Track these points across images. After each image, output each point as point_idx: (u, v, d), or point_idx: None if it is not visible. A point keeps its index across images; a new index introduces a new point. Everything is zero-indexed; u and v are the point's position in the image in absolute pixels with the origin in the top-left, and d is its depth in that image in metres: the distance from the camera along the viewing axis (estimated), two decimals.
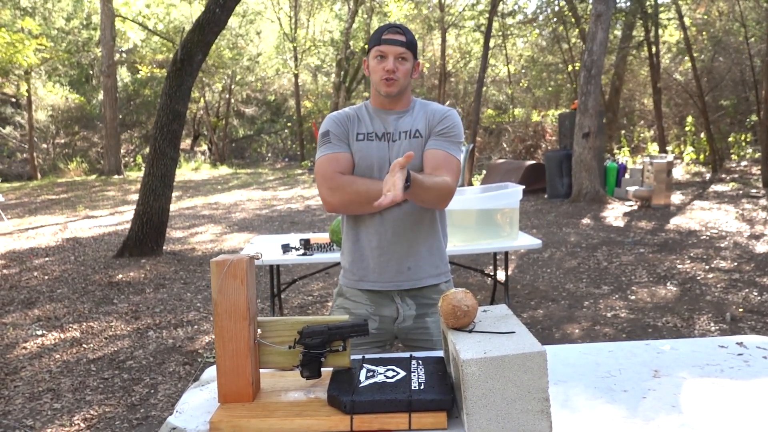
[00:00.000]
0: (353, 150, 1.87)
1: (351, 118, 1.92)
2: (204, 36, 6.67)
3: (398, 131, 1.88)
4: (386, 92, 1.84)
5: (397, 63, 1.81)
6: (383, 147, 1.87)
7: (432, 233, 1.95)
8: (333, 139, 1.90)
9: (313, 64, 23.29)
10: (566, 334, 4.01)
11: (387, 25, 1.86)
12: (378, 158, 1.86)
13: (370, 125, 1.90)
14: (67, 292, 5.16)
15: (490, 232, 3.54)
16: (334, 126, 1.90)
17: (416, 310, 1.91)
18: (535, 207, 9.87)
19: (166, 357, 3.72)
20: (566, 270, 5.76)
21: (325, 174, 1.84)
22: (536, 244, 3.44)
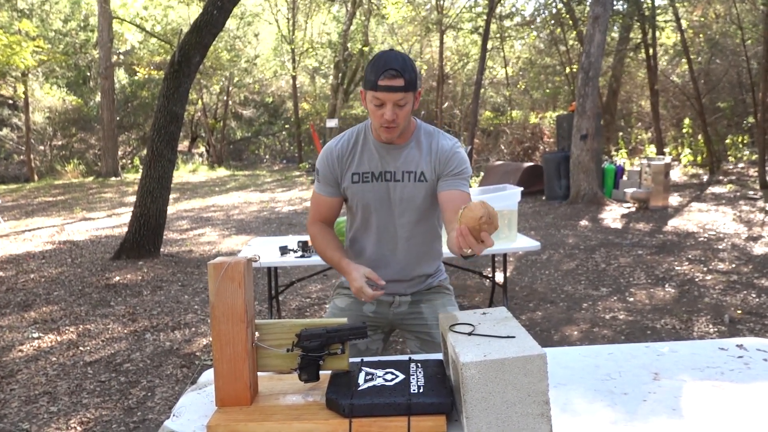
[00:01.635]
0: (349, 192, 1.89)
1: (344, 156, 1.89)
2: (201, 38, 6.66)
3: (401, 171, 1.86)
4: (387, 138, 1.81)
5: (396, 109, 1.74)
6: (380, 188, 1.87)
7: (435, 239, 2.00)
8: (321, 179, 1.93)
9: (311, 66, 23.29)
10: (565, 336, 4.00)
11: (384, 64, 1.71)
12: (374, 200, 1.87)
13: (366, 163, 1.87)
14: (64, 295, 5.14)
15: None
16: (324, 167, 1.91)
17: (411, 298, 1.99)
18: (533, 209, 9.87)
19: (163, 360, 3.70)
20: (564, 272, 5.75)
21: (312, 209, 1.98)
22: (535, 246, 3.44)
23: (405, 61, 1.73)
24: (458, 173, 1.85)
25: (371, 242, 1.94)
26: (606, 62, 17.09)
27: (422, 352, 1.98)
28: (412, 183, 1.86)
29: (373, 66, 1.73)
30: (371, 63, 1.76)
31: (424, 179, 1.86)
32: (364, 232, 1.94)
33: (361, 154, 1.87)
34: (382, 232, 1.91)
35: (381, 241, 1.92)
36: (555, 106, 18.34)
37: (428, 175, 1.86)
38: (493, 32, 17.77)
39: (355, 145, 1.88)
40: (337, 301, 2.04)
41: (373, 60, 1.76)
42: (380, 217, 1.90)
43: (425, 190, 1.88)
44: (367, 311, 1.98)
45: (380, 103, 1.72)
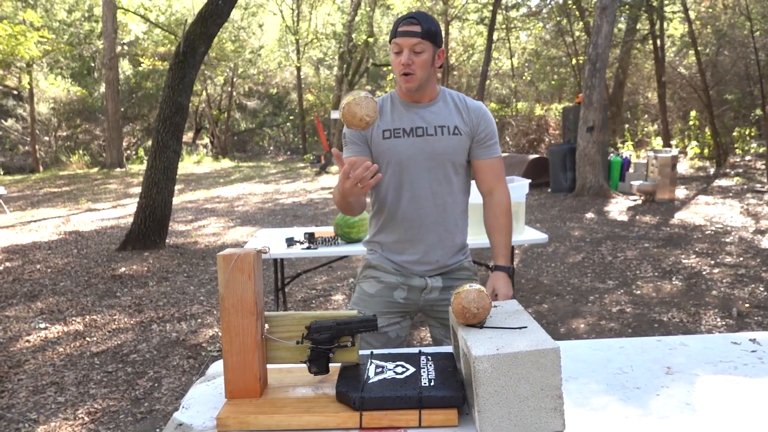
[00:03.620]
0: (380, 150, 1.85)
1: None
2: (206, 28, 6.63)
3: (432, 125, 1.84)
4: (406, 88, 1.79)
5: (413, 56, 1.74)
6: (413, 143, 1.83)
7: (466, 207, 1.97)
8: (349, 141, 1.88)
9: (316, 57, 23.20)
10: (572, 329, 3.99)
11: (405, 15, 1.77)
12: (407, 156, 1.83)
13: (397, 120, 1.85)
14: (70, 285, 5.15)
15: None
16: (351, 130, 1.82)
17: (443, 283, 1.92)
18: (538, 201, 9.84)
19: (169, 350, 3.71)
20: (570, 264, 5.73)
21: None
22: (542, 238, 3.42)
23: (426, 15, 1.78)
24: (491, 140, 1.89)
25: (404, 203, 1.86)
26: (613, 53, 16.96)
27: (447, 339, 1.96)
28: (447, 137, 1.84)
29: (397, 20, 1.78)
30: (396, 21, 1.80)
31: (459, 132, 1.85)
32: (396, 193, 1.86)
33: (391, 113, 1.86)
34: (415, 190, 1.85)
35: (415, 201, 1.86)
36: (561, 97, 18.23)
37: (462, 129, 1.86)
38: (499, 23, 17.64)
39: (383, 106, 1.87)
40: (365, 286, 1.95)
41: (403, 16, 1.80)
42: (413, 174, 1.84)
43: (461, 144, 1.86)
44: (398, 297, 1.91)
45: (399, 50, 1.75)
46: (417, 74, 1.76)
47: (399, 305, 1.91)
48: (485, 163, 1.90)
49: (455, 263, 1.94)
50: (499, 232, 1.95)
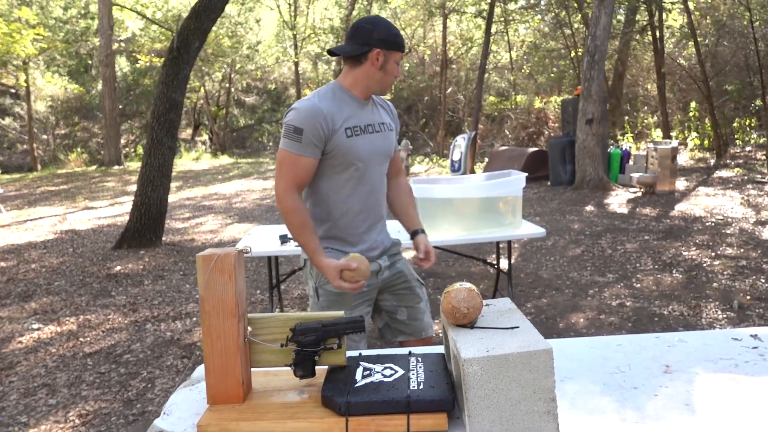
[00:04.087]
0: (342, 148, 1.93)
1: (332, 113, 1.91)
2: (200, 23, 6.56)
3: (377, 123, 2.04)
4: (387, 92, 2.04)
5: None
6: (368, 140, 2.00)
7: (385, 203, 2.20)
8: (305, 140, 1.90)
9: (314, 52, 23.09)
10: (571, 324, 3.94)
11: (394, 27, 1.97)
12: (367, 153, 1.99)
13: (353, 118, 1.97)
14: (65, 285, 5.10)
15: (493, 220, 3.46)
16: (312, 126, 1.88)
17: (389, 260, 2.13)
18: (537, 194, 9.78)
19: (164, 350, 3.67)
20: (570, 258, 5.68)
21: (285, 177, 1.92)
22: (540, 232, 3.37)
23: None
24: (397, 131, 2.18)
25: (361, 200, 2.01)
26: (612, 45, 16.85)
27: (401, 305, 2.16)
28: (386, 133, 2.07)
29: (394, 29, 1.96)
30: (386, 27, 1.94)
31: (391, 129, 2.11)
32: (355, 188, 2.00)
33: (347, 110, 1.96)
34: (374, 184, 2.04)
35: (372, 195, 2.04)
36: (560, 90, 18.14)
37: (392, 125, 2.12)
38: (497, 16, 17.53)
39: (337, 102, 1.95)
40: (328, 287, 2.01)
41: (384, 24, 1.95)
42: (372, 169, 2.02)
43: (393, 138, 2.13)
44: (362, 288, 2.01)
45: (399, 62, 1.98)
46: None
47: (364, 294, 2.05)
48: (396, 153, 2.19)
49: (390, 241, 2.18)
50: (412, 206, 2.25)
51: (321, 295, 2.04)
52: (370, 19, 1.97)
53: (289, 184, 1.91)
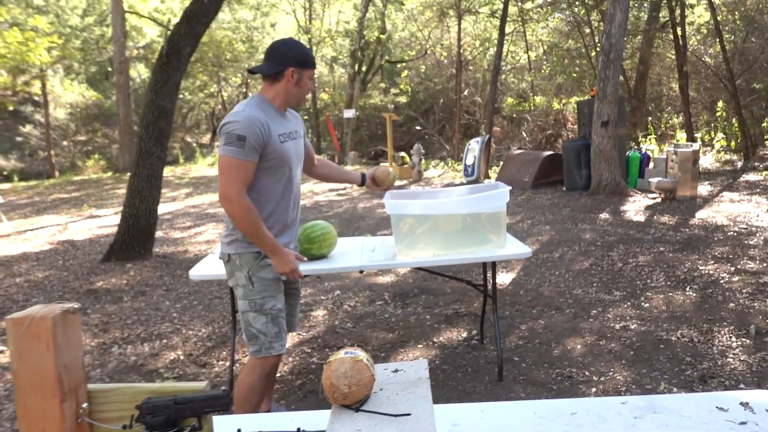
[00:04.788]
0: (278, 153, 2.23)
1: (266, 122, 2.20)
2: (192, 28, 6.36)
3: (294, 130, 2.39)
4: (301, 105, 2.45)
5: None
6: (293, 145, 2.35)
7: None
8: (248, 146, 2.14)
9: (329, 56, 22.92)
10: (566, 350, 3.58)
11: (310, 50, 2.39)
12: (293, 157, 2.34)
13: (280, 126, 2.28)
14: (42, 302, 4.92)
15: (474, 239, 3.13)
16: (254, 133, 2.14)
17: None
18: (551, 200, 9.36)
19: (123, 377, 3.43)
20: (576, 272, 5.30)
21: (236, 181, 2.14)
22: (525, 252, 3.03)
23: None
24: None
25: (289, 197, 2.35)
26: (634, 43, 16.26)
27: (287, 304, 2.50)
28: (301, 139, 2.44)
29: (307, 50, 2.31)
30: (300, 47, 2.29)
31: (302, 135, 2.48)
32: (287, 190, 2.32)
33: (274, 119, 2.25)
34: (296, 185, 2.39)
35: (294, 195, 2.39)
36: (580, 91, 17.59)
37: (302, 132, 2.49)
38: (514, 15, 17.09)
39: (266, 112, 2.23)
40: (263, 273, 2.29)
41: (296, 44, 2.29)
42: (295, 170, 2.37)
43: (304, 143, 2.52)
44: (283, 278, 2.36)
45: (312, 77, 2.34)
46: None
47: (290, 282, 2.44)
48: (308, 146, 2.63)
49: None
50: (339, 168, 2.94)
51: (255, 282, 2.28)
52: (284, 42, 2.29)
53: (240, 186, 2.15)
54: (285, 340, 2.36)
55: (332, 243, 3.22)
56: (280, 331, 2.32)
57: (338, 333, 4.03)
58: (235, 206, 2.14)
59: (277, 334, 2.31)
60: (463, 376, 3.26)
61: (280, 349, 2.33)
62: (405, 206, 3.08)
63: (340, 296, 4.88)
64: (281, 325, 2.33)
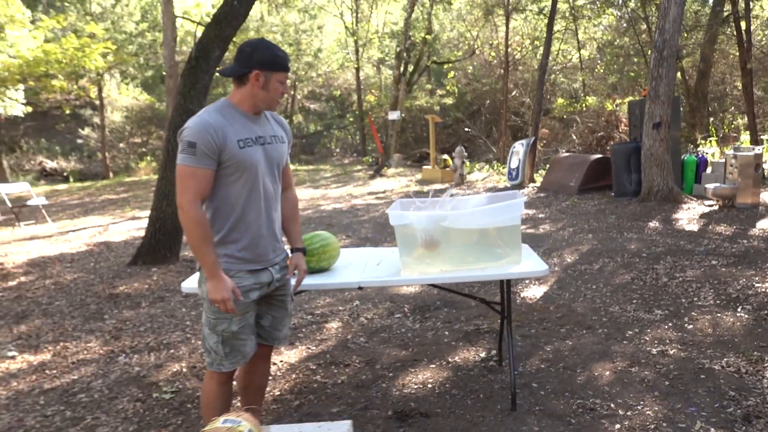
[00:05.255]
0: (236, 159, 2.10)
1: (224, 127, 2.09)
2: (221, 30, 6.30)
3: (268, 135, 2.24)
4: (275, 109, 2.27)
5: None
6: (261, 150, 2.19)
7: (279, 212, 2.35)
8: (200, 152, 2.05)
9: (376, 57, 22.81)
10: (592, 377, 3.24)
11: (283, 51, 2.17)
12: (259, 162, 2.17)
13: (244, 131, 2.15)
14: (63, 305, 4.95)
15: (484, 254, 2.85)
16: (204, 139, 2.04)
17: (280, 273, 2.33)
18: (597, 207, 8.86)
19: (122, 390, 3.33)
20: (615, 287, 4.90)
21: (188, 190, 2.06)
22: (541, 270, 2.73)
23: None
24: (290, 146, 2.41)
25: (256, 206, 2.18)
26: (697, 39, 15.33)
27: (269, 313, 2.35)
28: (277, 144, 2.26)
29: (276, 51, 2.15)
30: (270, 48, 2.14)
31: (283, 141, 2.31)
32: (253, 199, 2.17)
33: (236, 124, 2.13)
34: (267, 193, 2.21)
35: (265, 203, 2.20)
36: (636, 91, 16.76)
37: (284, 138, 2.33)
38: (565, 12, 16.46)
39: (226, 117, 2.12)
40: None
41: (264, 46, 2.14)
42: (263, 178, 2.19)
43: (286, 150, 2.33)
44: (253, 297, 2.22)
45: (285, 81, 2.18)
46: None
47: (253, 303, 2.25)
48: (287, 166, 2.40)
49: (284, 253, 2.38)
50: (294, 221, 2.46)
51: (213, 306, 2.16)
52: (251, 43, 2.15)
53: (193, 196, 2.06)
54: (239, 358, 2.24)
55: (333, 255, 3.02)
56: (231, 351, 2.21)
57: (349, 348, 3.82)
58: (184, 216, 2.06)
59: (228, 354, 2.21)
60: (473, 404, 2.98)
61: (230, 366, 2.24)
62: (410, 218, 2.84)
63: (358, 307, 4.67)
64: (235, 346, 2.21)
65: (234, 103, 2.17)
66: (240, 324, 2.21)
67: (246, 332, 2.24)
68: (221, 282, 2.07)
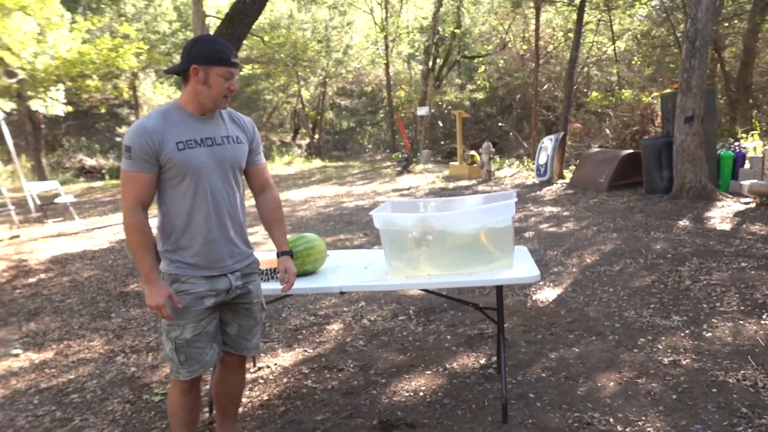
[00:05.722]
0: (175, 161, 2.04)
1: (161, 128, 2.04)
2: (234, 29, 6.29)
3: (219, 136, 2.14)
4: (222, 107, 2.14)
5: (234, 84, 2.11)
6: (206, 152, 2.09)
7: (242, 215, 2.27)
8: (135, 156, 2.03)
9: (406, 53, 22.63)
10: (595, 388, 3.06)
11: (224, 46, 2.08)
12: (203, 164, 2.08)
13: (186, 133, 2.08)
14: (74, 303, 5.02)
15: (474, 258, 2.71)
16: (138, 143, 2.01)
17: (242, 280, 2.24)
18: (626, 204, 8.53)
19: (114, 391, 3.33)
20: (634, 290, 4.66)
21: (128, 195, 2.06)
22: (532, 276, 2.57)
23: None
24: (259, 145, 2.31)
25: (204, 211, 2.10)
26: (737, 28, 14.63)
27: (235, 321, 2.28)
28: (233, 145, 2.17)
29: (215, 45, 2.06)
30: (209, 42, 2.08)
31: (240, 141, 2.20)
32: (195, 199, 2.08)
33: (178, 126, 2.07)
34: (216, 196, 2.12)
35: (215, 208, 2.11)
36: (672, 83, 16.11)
37: (243, 138, 2.22)
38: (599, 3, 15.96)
39: (168, 119, 2.07)
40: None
41: (203, 40, 2.09)
42: (211, 181, 2.10)
43: (244, 151, 2.22)
44: (208, 304, 2.16)
45: (229, 77, 2.07)
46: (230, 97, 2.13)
47: (210, 310, 2.18)
48: (257, 168, 2.30)
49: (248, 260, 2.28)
50: (277, 224, 2.36)
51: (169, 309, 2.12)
52: (193, 39, 2.14)
53: (131, 201, 2.05)
54: (196, 367, 2.19)
55: (318, 258, 2.93)
56: (187, 360, 2.17)
57: (346, 352, 3.73)
58: (124, 221, 2.07)
59: (184, 362, 2.17)
60: (463, 415, 2.85)
61: (187, 375, 2.19)
62: (394, 219, 2.73)
63: (363, 308, 4.58)
64: (190, 354, 2.16)
65: (181, 104, 2.12)
66: (194, 332, 2.15)
67: (203, 340, 2.18)
68: (156, 288, 2.06)
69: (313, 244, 2.90)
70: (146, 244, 2.07)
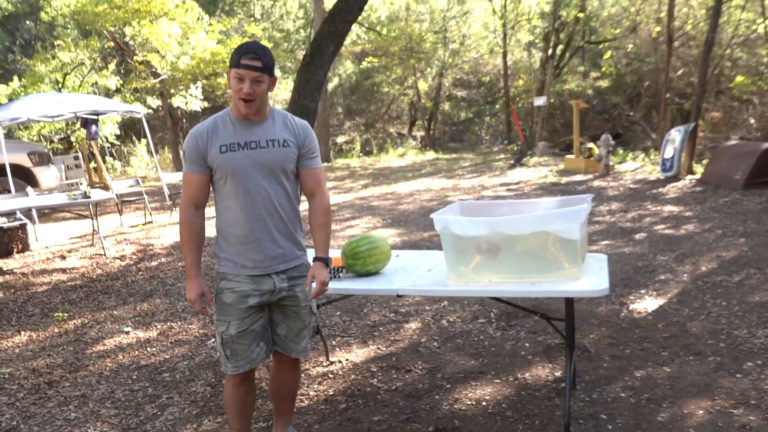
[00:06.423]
0: (218, 163, 2.18)
1: (209, 133, 2.19)
2: (336, 26, 6.45)
3: (264, 139, 2.21)
4: (244, 112, 2.17)
5: (254, 86, 2.10)
6: (248, 155, 2.18)
7: (298, 212, 2.35)
8: (188, 159, 2.23)
9: (526, 40, 21.80)
10: (679, 416, 2.77)
11: (245, 47, 2.11)
12: (243, 166, 2.17)
13: (233, 135, 2.19)
14: (182, 287, 5.45)
15: (538, 266, 2.56)
16: (190, 147, 2.20)
17: (288, 282, 2.30)
18: (762, 206, 7.59)
19: (200, 374, 3.59)
20: (752, 305, 4.15)
21: (183, 193, 2.27)
22: (597, 290, 2.37)
23: (265, 49, 2.15)
24: (314, 152, 2.32)
25: (246, 211, 2.19)
26: None
27: (284, 323, 2.36)
28: (278, 149, 2.22)
29: (238, 49, 2.13)
30: (240, 46, 2.15)
31: (288, 145, 2.23)
32: (236, 199, 2.19)
33: (225, 130, 2.20)
34: (256, 197, 2.19)
35: (255, 208, 2.19)
36: None
37: (291, 142, 2.24)
38: None
39: (218, 124, 2.21)
40: (221, 296, 2.29)
41: (238, 46, 2.15)
42: (254, 182, 2.18)
43: (291, 155, 2.24)
44: (251, 303, 2.26)
45: (241, 79, 2.10)
46: (256, 101, 2.14)
47: (253, 309, 2.27)
48: (308, 172, 2.32)
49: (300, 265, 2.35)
50: (320, 229, 2.34)
51: (216, 302, 2.32)
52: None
53: (186, 200, 2.25)
54: (242, 363, 2.30)
55: (381, 259, 2.93)
56: (233, 355, 2.29)
57: (418, 353, 3.71)
58: (179, 218, 2.28)
59: (230, 356, 2.30)
60: (524, 430, 2.71)
61: (233, 370, 2.32)
62: (452, 223, 2.65)
63: (444, 308, 4.52)
64: (236, 350, 2.29)
65: (231, 108, 2.25)
66: (238, 329, 2.25)
67: (248, 338, 2.28)
68: (191, 283, 2.26)
69: (376, 245, 2.90)
70: (192, 242, 2.25)
